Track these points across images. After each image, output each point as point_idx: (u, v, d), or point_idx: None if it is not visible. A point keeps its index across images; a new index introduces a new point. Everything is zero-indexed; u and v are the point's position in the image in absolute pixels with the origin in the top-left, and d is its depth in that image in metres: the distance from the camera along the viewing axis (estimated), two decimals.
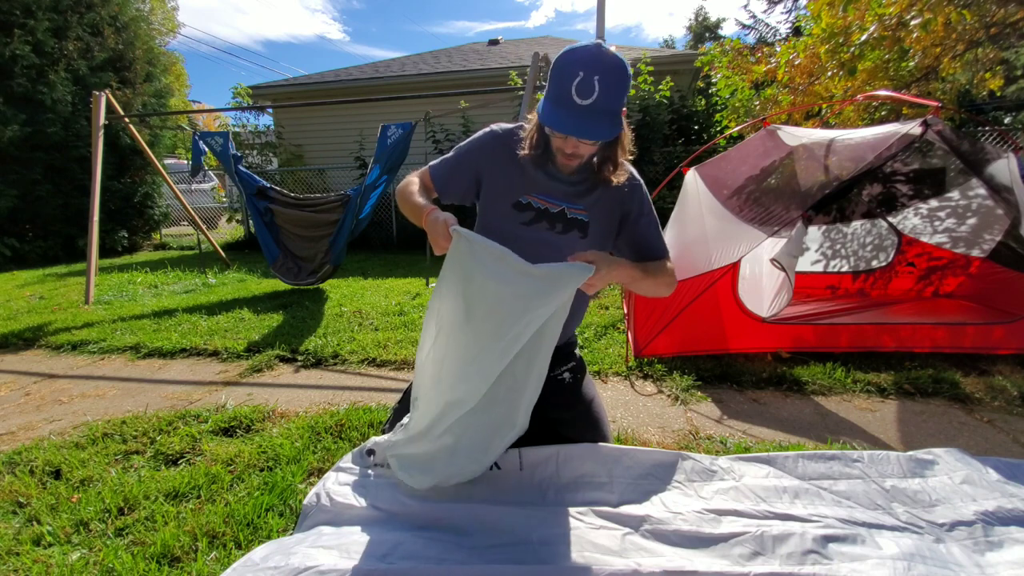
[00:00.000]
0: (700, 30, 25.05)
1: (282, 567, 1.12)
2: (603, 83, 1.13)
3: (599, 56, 1.14)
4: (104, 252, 7.60)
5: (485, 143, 1.42)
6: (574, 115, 1.16)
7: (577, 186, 1.38)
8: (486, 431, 1.33)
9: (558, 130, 1.19)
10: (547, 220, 1.38)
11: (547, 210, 1.38)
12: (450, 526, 1.31)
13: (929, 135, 2.41)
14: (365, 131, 8.06)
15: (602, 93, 1.13)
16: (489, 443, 1.34)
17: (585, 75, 1.12)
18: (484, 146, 1.41)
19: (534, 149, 1.32)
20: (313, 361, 2.90)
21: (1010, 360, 2.57)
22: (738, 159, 3.04)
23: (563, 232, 1.38)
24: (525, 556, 1.18)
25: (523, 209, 1.38)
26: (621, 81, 1.16)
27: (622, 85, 1.17)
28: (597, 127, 1.18)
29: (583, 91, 1.13)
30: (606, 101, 1.15)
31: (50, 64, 6.99)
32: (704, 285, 2.49)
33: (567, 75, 1.14)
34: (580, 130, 1.18)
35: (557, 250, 1.32)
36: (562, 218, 1.38)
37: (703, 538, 1.24)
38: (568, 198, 1.38)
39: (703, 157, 3.40)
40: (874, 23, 3.62)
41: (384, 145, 3.90)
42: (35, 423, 2.21)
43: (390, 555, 1.19)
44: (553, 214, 1.38)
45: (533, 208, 1.38)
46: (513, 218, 1.39)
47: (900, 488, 1.44)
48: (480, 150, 1.41)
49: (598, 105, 1.14)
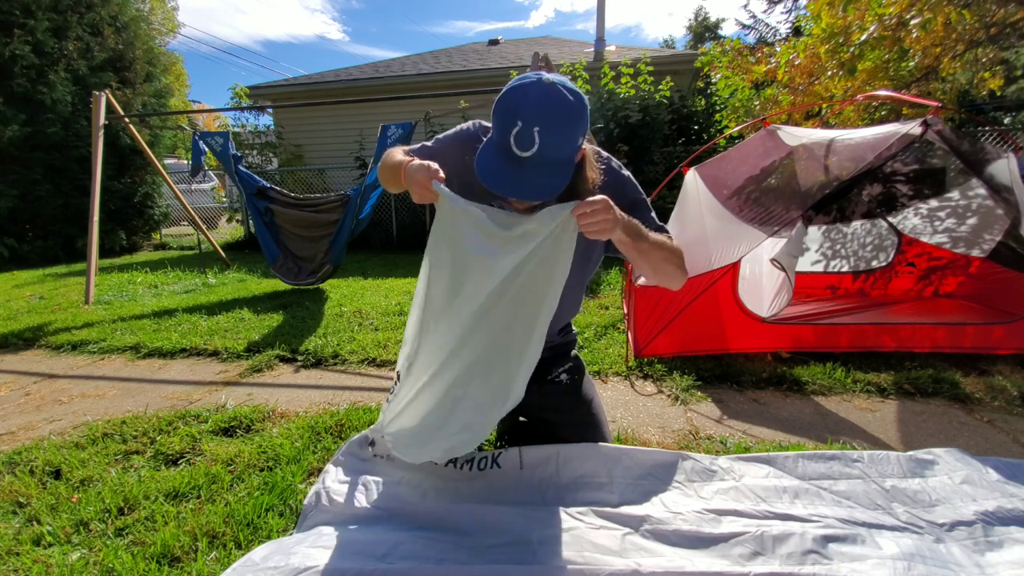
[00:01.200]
0: (700, 30, 25.07)
1: (282, 567, 1.12)
2: (544, 134, 1.00)
3: (540, 102, 1.00)
4: (104, 252, 7.60)
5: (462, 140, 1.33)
6: (511, 169, 1.04)
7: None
8: (482, 397, 1.27)
9: (491, 189, 1.07)
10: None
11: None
12: (450, 526, 1.31)
13: (929, 135, 2.41)
14: (365, 131, 8.06)
15: (544, 145, 1.00)
16: (485, 412, 1.28)
17: (523, 126, 1.00)
18: (458, 145, 1.33)
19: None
20: (313, 361, 2.90)
21: (1010, 360, 2.57)
22: (738, 159, 3.04)
23: None
24: (525, 556, 1.18)
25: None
26: (567, 127, 1.03)
27: (569, 131, 1.04)
28: (537, 182, 1.05)
29: (522, 143, 1.01)
30: (549, 152, 1.02)
31: (50, 64, 6.99)
32: (704, 285, 2.49)
33: (507, 122, 1.02)
34: (515, 190, 1.06)
35: None
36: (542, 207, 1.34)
37: (703, 538, 1.24)
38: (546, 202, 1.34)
39: (703, 157, 3.40)
40: (874, 23, 3.62)
41: (384, 145, 3.89)
42: (35, 423, 2.21)
43: (390, 555, 1.19)
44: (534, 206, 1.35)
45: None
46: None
47: (900, 488, 1.44)
48: (453, 147, 1.33)
49: (541, 159, 1.02)
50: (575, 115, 1.04)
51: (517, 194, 1.08)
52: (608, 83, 6.50)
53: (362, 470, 1.52)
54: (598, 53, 9.01)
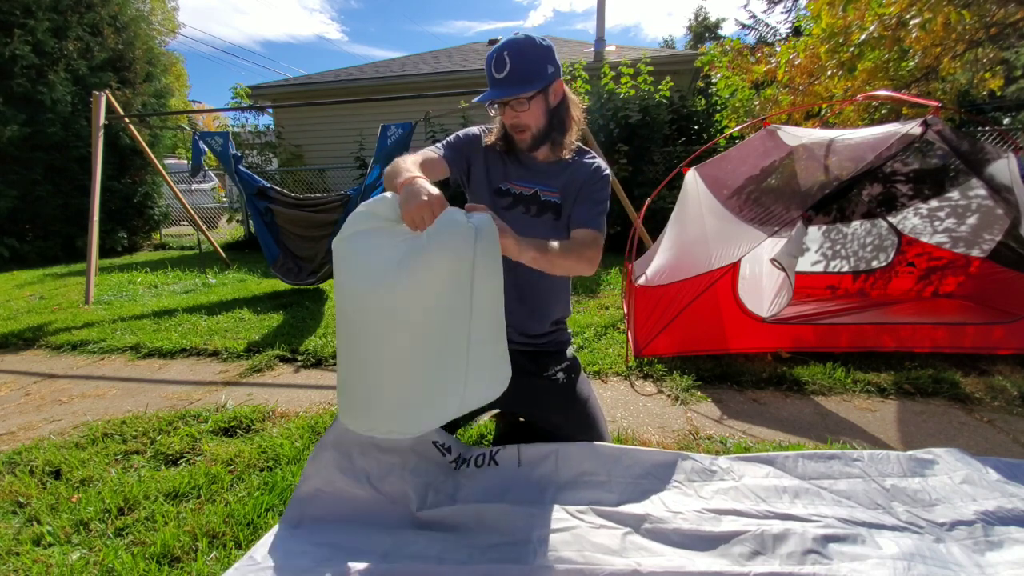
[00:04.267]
0: (700, 30, 25.07)
1: (283, 567, 1.12)
2: (512, 56, 1.32)
3: (511, 38, 1.36)
4: (104, 252, 7.60)
5: (474, 137, 1.58)
6: (495, 86, 1.37)
7: (548, 171, 1.52)
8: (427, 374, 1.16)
9: (481, 100, 1.38)
10: (523, 204, 1.51)
11: (522, 194, 1.51)
12: (451, 525, 1.31)
13: (929, 135, 2.41)
14: (365, 131, 8.06)
15: (513, 64, 1.32)
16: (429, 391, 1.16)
17: (498, 54, 1.34)
18: (473, 139, 1.57)
19: (500, 139, 1.52)
20: (313, 361, 2.90)
21: (1010, 360, 2.57)
22: (738, 159, 3.04)
23: (537, 215, 1.50)
24: (525, 555, 1.18)
25: (502, 195, 1.52)
26: (529, 51, 1.34)
27: (530, 55, 1.34)
28: (512, 88, 1.35)
29: (498, 67, 1.34)
30: (519, 70, 1.33)
31: (50, 64, 6.98)
32: (704, 285, 2.49)
33: (488, 62, 1.37)
34: (497, 93, 1.36)
35: (534, 230, 1.42)
36: (535, 200, 1.50)
37: (703, 537, 1.24)
38: (541, 181, 1.51)
39: (703, 157, 3.40)
40: (874, 23, 3.63)
41: (384, 145, 3.89)
42: (35, 423, 2.21)
43: (391, 554, 1.19)
44: (527, 197, 1.51)
45: (511, 194, 1.52)
46: (494, 204, 1.51)
47: (900, 487, 1.44)
48: (469, 142, 1.57)
49: (514, 74, 1.33)
50: (536, 43, 1.35)
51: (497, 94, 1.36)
52: (608, 83, 6.50)
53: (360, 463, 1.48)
54: (598, 53, 9.01)
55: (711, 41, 8.08)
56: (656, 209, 4.96)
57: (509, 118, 1.42)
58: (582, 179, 1.49)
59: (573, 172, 1.50)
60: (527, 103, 1.38)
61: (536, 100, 1.38)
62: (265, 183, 4.27)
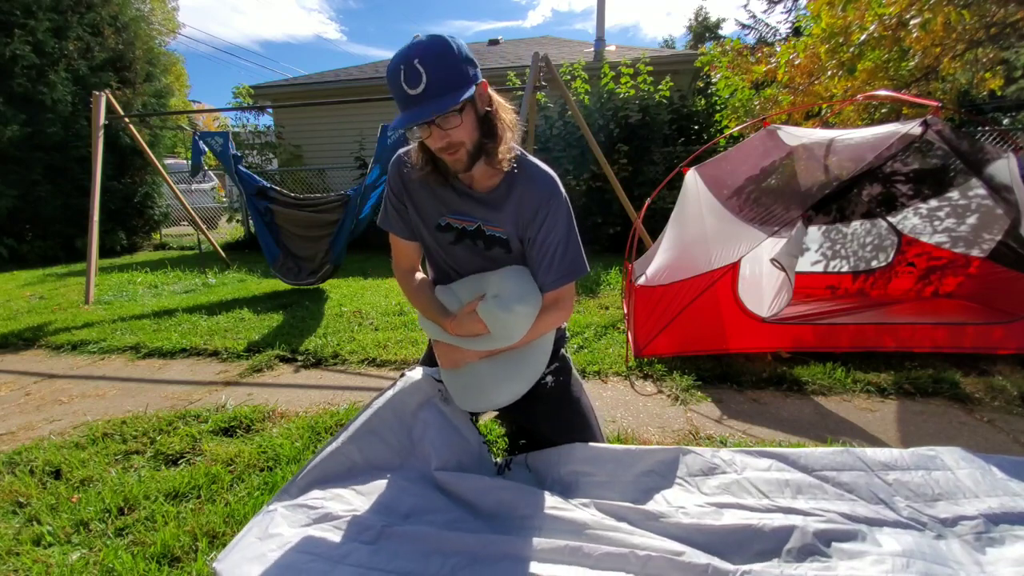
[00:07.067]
0: (700, 30, 25.05)
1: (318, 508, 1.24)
2: (426, 63, 1.09)
3: (413, 44, 1.11)
4: (104, 252, 7.60)
5: (392, 178, 1.40)
6: (413, 105, 1.12)
7: (488, 201, 1.32)
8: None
9: (400, 126, 1.15)
10: (468, 238, 1.37)
11: (465, 229, 1.36)
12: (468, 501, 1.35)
13: (929, 135, 2.41)
14: (365, 131, 8.06)
15: (431, 74, 1.09)
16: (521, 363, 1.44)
17: (407, 66, 1.09)
18: (397, 192, 1.40)
19: (424, 166, 1.29)
20: (313, 361, 2.90)
21: (1010, 360, 2.57)
22: (738, 159, 3.04)
23: (487, 248, 1.37)
24: (527, 530, 1.23)
25: (444, 230, 1.38)
26: (446, 54, 1.11)
27: (449, 58, 1.11)
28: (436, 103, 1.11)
29: (411, 80, 1.10)
30: (440, 79, 1.10)
31: (50, 64, 6.98)
32: (704, 285, 2.49)
33: (394, 77, 1.12)
34: (420, 113, 1.12)
35: (490, 261, 1.39)
36: (481, 235, 1.36)
37: (703, 530, 1.24)
38: (481, 215, 1.34)
39: (703, 157, 3.40)
40: (874, 23, 3.62)
41: (384, 145, 3.89)
42: (35, 423, 2.21)
43: (412, 516, 1.27)
44: (471, 232, 1.36)
45: (453, 228, 1.37)
46: (440, 239, 1.40)
47: (903, 482, 1.44)
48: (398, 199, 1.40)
49: (433, 86, 1.10)
50: (449, 44, 1.11)
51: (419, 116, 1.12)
52: (608, 83, 6.50)
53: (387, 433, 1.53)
54: (598, 53, 9.01)
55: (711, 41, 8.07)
56: (656, 209, 4.96)
57: (437, 140, 1.18)
58: (530, 212, 1.30)
59: (519, 202, 1.30)
60: (459, 116, 1.15)
61: (467, 111, 1.17)
62: (265, 183, 4.27)
